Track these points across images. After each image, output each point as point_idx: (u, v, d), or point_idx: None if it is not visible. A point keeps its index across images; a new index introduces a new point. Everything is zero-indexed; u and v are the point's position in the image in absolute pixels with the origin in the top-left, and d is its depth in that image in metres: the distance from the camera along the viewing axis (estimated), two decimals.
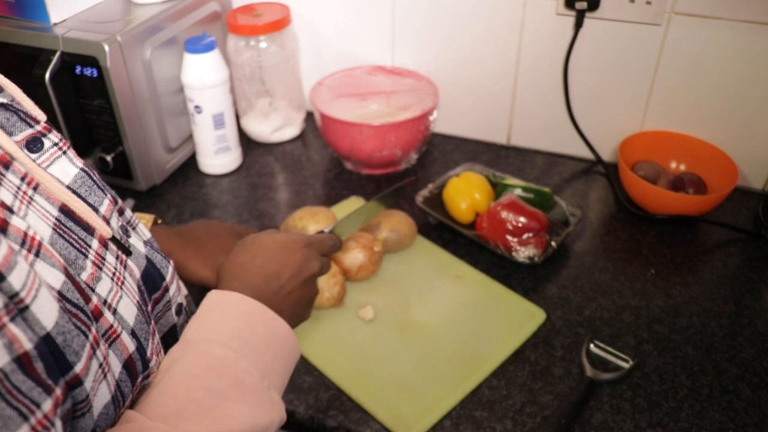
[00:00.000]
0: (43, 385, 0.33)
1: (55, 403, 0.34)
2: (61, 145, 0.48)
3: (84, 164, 0.49)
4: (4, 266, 0.33)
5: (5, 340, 0.31)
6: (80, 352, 0.38)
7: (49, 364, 0.35)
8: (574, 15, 1.01)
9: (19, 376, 0.31)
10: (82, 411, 0.39)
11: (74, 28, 0.91)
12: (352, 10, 1.14)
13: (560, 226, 0.92)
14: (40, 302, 0.35)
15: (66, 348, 0.37)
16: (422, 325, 0.80)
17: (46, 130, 0.47)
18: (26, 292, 0.34)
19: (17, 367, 0.31)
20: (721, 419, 0.70)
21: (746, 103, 1.00)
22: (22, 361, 0.32)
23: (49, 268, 0.39)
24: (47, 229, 0.41)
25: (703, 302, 0.85)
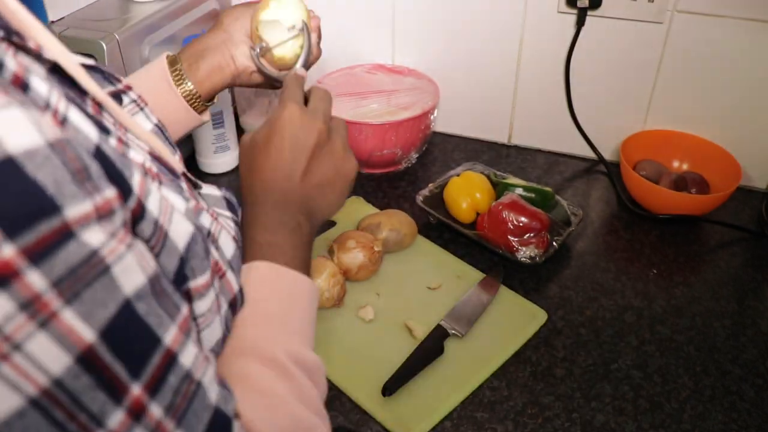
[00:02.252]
0: (178, 296, 0.34)
1: (189, 310, 0.34)
2: (139, 102, 0.50)
3: (158, 121, 0.51)
4: (142, 193, 0.33)
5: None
6: (198, 272, 0.38)
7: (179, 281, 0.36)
8: (576, 13, 1.00)
9: (163, 284, 0.32)
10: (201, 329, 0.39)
11: (72, 26, 0.91)
12: (352, 9, 1.13)
13: (562, 225, 0.91)
14: (175, 226, 0.36)
15: (185, 265, 0.37)
16: (422, 325, 0.80)
17: (126, 88, 0.49)
18: (163, 218, 0.35)
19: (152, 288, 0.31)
20: (724, 420, 0.70)
21: (749, 101, 0.99)
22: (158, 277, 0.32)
23: (173, 194, 0.39)
24: (151, 165, 0.41)
25: (706, 302, 0.85)
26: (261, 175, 0.55)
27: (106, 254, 0.27)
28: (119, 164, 0.32)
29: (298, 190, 0.55)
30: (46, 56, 0.32)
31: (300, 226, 0.54)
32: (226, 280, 0.44)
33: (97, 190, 0.28)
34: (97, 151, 0.31)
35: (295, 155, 0.56)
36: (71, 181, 0.26)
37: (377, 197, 1.04)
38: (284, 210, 0.54)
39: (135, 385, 0.28)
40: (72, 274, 0.26)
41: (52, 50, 0.35)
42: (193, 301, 0.38)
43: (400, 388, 0.72)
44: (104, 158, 0.31)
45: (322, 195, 0.57)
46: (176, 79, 0.71)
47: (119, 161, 0.32)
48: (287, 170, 0.55)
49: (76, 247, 0.26)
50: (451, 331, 0.78)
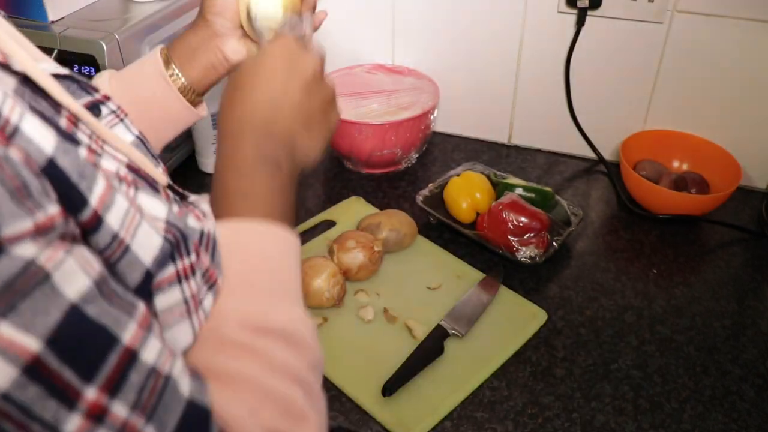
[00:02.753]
0: (131, 296, 0.33)
1: (147, 307, 0.33)
2: (119, 113, 0.47)
3: (140, 133, 0.48)
4: (102, 206, 0.32)
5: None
6: (164, 271, 0.37)
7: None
8: (576, 13, 1.00)
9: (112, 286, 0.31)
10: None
11: (72, 26, 0.91)
12: (352, 8, 1.13)
13: (562, 225, 0.91)
14: (140, 239, 0.34)
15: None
16: (422, 325, 0.80)
17: (104, 98, 0.47)
18: (124, 232, 0.33)
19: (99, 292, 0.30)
20: (724, 420, 0.70)
21: (749, 101, 0.99)
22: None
23: (153, 199, 0.37)
24: (129, 174, 0.40)
25: (706, 302, 0.85)
26: (246, 103, 0.51)
27: (43, 262, 0.27)
28: (75, 177, 0.31)
29: (285, 120, 0.52)
30: (14, 68, 0.32)
31: (280, 165, 0.50)
32: (218, 287, 0.42)
33: (38, 207, 0.27)
34: (49, 163, 0.30)
35: (288, 83, 0.52)
36: (9, 199, 0.26)
37: (377, 197, 1.04)
38: (265, 142, 0.50)
39: (89, 389, 0.27)
40: (8, 287, 0.25)
41: (20, 62, 0.34)
42: (154, 296, 0.36)
43: (400, 388, 0.72)
44: (57, 171, 0.30)
45: (308, 133, 0.54)
46: (171, 77, 0.70)
47: (77, 173, 0.31)
48: (277, 97, 0.52)
49: (8, 261, 0.25)
50: (451, 331, 0.78)
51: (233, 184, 0.49)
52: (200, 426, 0.33)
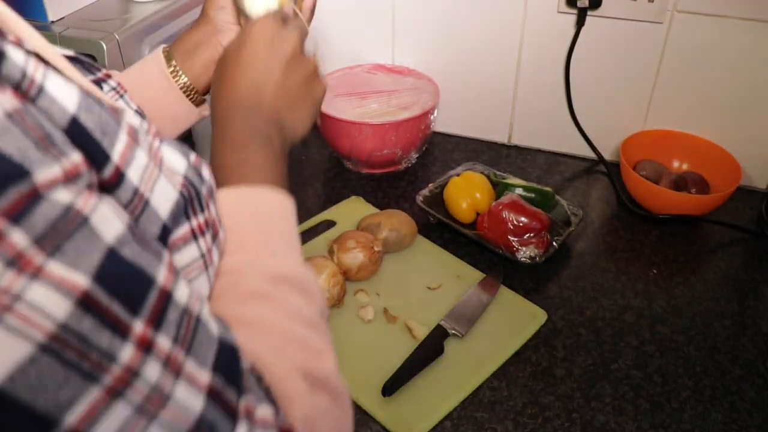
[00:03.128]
0: (157, 243, 0.35)
1: (170, 257, 0.35)
2: (119, 89, 0.50)
3: (138, 108, 0.51)
4: (123, 162, 0.34)
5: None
6: (178, 230, 0.38)
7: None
8: (576, 13, 1.00)
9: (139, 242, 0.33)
10: None
11: (72, 26, 0.91)
12: (352, 8, 1.13)
13: (562, 225, 0.91)
14: (158, 194, 0.36)
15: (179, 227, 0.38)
16: (422, 325, 0.80)
17: (105, 77, 0.49)
18: (144, 186, 0.35)
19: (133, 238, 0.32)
20: (724, 420, 0.70)
21: (749, 101, 0.99)
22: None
23: (175, 153, 0.39)
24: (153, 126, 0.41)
25: (706, 302, 0.85)
26: (232, 86, 0.54)
27: (81, 206, 0.28)
28: (98, 134, 0.33)
29: (270, 100, 0.54)
30: (26, 47, 0.33)
31: (270, 139, 0.53)
32: (220, 238, 0.44)
33: (63, 154, 0.29)
34: (72, 121, 0.31)
35: (268, 64, 0.55)
36: (35, 148, 0.27)
37: (377, 197, 1.04)
38: (254, 121, 0.53)
39: (137, 322, 0.29)
40: (53, 229, 0.27)
41: (32, 42, 0.35)
42: (172, 253, 0.38)
43: (400, 388, 0.72)
44: (80, 129, 0.32)
45: (293, 109, 0.56)
46: (173, 75, 0.70)
47: (100, 131, 0.33)
48: (259, 78, 0.54)
49: (50, 206, 0.27)
50: (451, 331, 0.78)
51: (230, 157, 0.51)
52: (234, 362, 0.35)
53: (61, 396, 0.26)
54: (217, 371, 0.33)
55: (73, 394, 0.27)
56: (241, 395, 0.35)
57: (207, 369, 0.33)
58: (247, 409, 0.35)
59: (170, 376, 0.30)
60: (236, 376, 0.35)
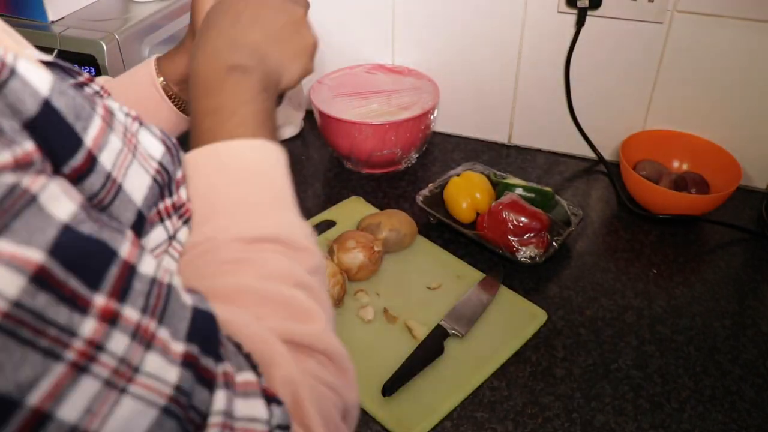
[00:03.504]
0: (117, 222, 0.34)
1: (134, 235, 0.34)
2: (101, 93, 0.49)
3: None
4: (96, 146, 0.33)
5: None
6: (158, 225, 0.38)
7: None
8: (576, 13, 1.00)
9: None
10: None
11: (72, 27, 0.91)
12: (352, 8, 1.13)
13: (562, 225, 0.91)
14: (131, 179, 0.36)
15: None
16: (422, 325, 0.80)
17: (88, 81, 0.48)
18: (117, 171, 0.35)
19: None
20: (724, 420, 0.70)
21: (749, 101, 0.99)
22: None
23: (151, 137, 0.39)
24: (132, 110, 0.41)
25: (706, 302, 0.85)
26: (210, 33, 0.53)
27: (27, 185, 0.27)
28: (71, 118, 0.32)
29: (248, 33, 0.52)
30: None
31: (247, 71, 0.50)
32: (192, 222, 0.43)
33: (13, 142, 0.28)
34: (45, 104, 0.31)
35: (244, 5, 0.54)
36: None
37: (377, 197, 1.04)
38: (230, 55, 0.50)
39: (98, 296, 0.29)
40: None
41: (7, 48, 0.35)
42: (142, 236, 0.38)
43: (400, 388, 0.72)
44: (52, 112, 0.31)
45: (278, 45, 0.54)
46: (162, 85, 0.71)
47: (73, 114, 0.32)
48: (234, 15, 0.53)
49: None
50: (451, 331, 0.78)
51: (203, 104, 0.49)
52: (210, 330, 0.35)
53: (20, 376, 0.26)
54: (192, 340, 0.33)
55: (34, 373, 0.26)
56: (219, 363, 0.34)
57: (181, 338, 0.32)
58: (226, 376, 0.34)
59: (140, 347, 0.30)
60: (213, 344, 0.34)
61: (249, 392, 0.35)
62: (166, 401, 0.30)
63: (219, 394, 0.33)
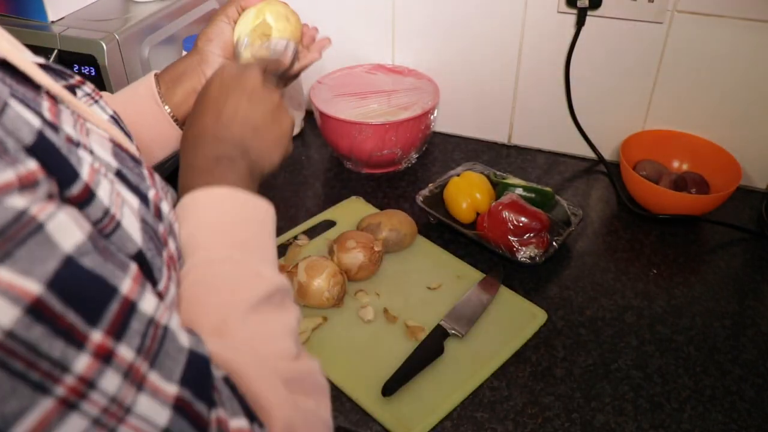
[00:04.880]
0: (124, 255, 0.34)
1: (138, 269, 0.34)
2: (93, 95, 0.50)
3: (114, 112, 0.52)
4: (92, 181, 0.34)
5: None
6: (159, 274, 0.38)
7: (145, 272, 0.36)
8: (576, 13, 1.00)
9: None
10: None
11: (72, 27, 0.91)
12: (352, 8, 1.13)
13: (562, 225, 0.91)
14: (127, 220, 0.36)
15: (152, 266, 0.38)
16: (422, 325, 0.80)
17: (79, 83, 0.49)
18: (115, 209, 0.35)
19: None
20: (724, 420, 0.70)
21: (750, 101, 0.99)
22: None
23: (126, 189, 0.39)
24: (110, 157, 0.41)
25: (706, 302, 0.85)
26: (197, 120, 0.57)
27: (35, 212, 0.27)
28: (65, 150, 0.33)
29: (233, 128, 0.56)
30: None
31: (234, 161, 0.54)
32: (178, 274, 0.44)
33: (17, 161, 0.28)
34: (39, 134, 0.31)
35: (229, 98, 0.57)
36: None
37: (377, 197, 1.04)
38: (216, 147, 0.54)
39: (95, 332, 0.28)
40: (1, 235, 0.26)
41: (0, 48, 0.35)
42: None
43: (400, 388, 0.72)
44: (47, 142, 0.31)
45: (257, 137, 0.58)
46: (162, 100, 0.72)
47: (66, 148, 0.33)
48: (220, 111, 0.57)
49: (1, 211, 0.26)
50: (451, 331, 0.78)
51: (197, 180, 0.51)
52: (204, 374, 0.35)
53: (7, 408, 0.25)
54: (186, 383, 0.32)
55: (21, 406, 0.26)
56: (212, 408, 0.34)
57: (174, 381, 0.32)
58: (219, 423, 0.34)
59: (131, 387, 0.29)
60: (206, 388, 0.34)
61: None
62: None
63: None
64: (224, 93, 0.58)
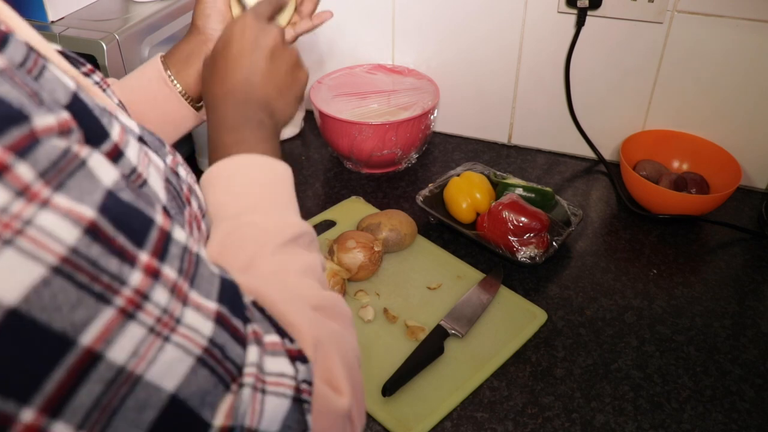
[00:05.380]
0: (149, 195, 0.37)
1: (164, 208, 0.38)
2: (102, 84, 0.53)
3: (119, 101, 0.54)
4: (121, 142, 0.36)
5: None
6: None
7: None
8: (576, 13, 1.00)
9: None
10: None
11: (72, 27, 0.91)
12: (352, 8, 1.13)
13: (562, 225, 0.91)
14: (153, 179, 0.39)
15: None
16: (422, 325, 0.80)
17: (90, 72, 0.52)
18: (142, 167, 0.38)
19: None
20: (724, 420, 0.70)
21: (749, 101, 0.99)
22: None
23: (151, 151, 0.41)
24: (133, 124, 0.43)
25: (706, 303, 0.85)
26: (223, 80, 0.58)
27: (77, 151, 0.30)
28: (97, 111, 0.35)
29: (258, 90, 0.58)
30: (18, 38, 0.34)
31: (262, 122, 0.57)
32: (202, 230, 0.46)
33: (53, 109, 0.30)
34: (74, 96, 0.34)
35: (253, 58, 0.59)
36: (29, 99, 0.29)
37: (377, 197, 1.04)
38: (246, 109, 0.57)
39: (142, 252, 0.31)
40: (54, 167, 0.28)
41: (24, 33, 0.37)
42: None
43: (400, 388, 0.72)
44: (81, 103, 0.34)
45: (281, 96, 0.60)
46: (171, 81, 0.72)
47: (98, 109, 0.35)
48: (247, 73, 0.58)
49: (50, 147, 0.29)
50: (451, 331, 0.78)
51: (227, 137, 0.55)
52: (236, 295, 0.38)
53: (75, 316, 0.27)
54: (222, 302, 0.35)
55: (87, 315, 0.28)
56: (247, 323, 0.37)
57: (213, 299, 0.35)
58: (255, 335, 0.37)
59: (178, 302, 0.32)
60: (240, 307, 0.37)
61: (276, 352, 0.38)
62: (201, 351, 0.32)
63: (251, 349, 0.36)
64: (247, 52, 0.59)
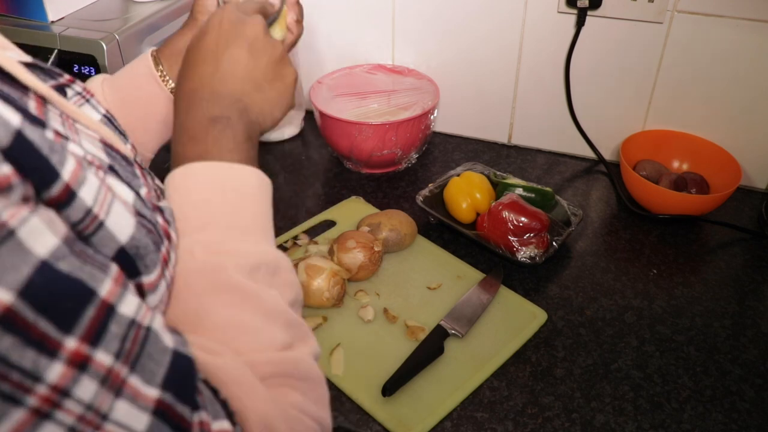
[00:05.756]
0: (103, 257, 0.33)
1: (119, 271, 0.33)
2: (84, 94, 0.48)
3: (106, 111, 0.50)
4: (74, 181, 0.32)
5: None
6: (152, 268, 0.37)
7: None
8: (576, 13, 1.00)
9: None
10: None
11: (72, 27, 0.91)
12: (352, 8, 1.13)
13: (562, 225, 0.91)
14: (115, 217, 0.35)
15: (144, 259, 0.37)
16: (422, 325, 0.80)
17: (69, 82, 0.48)
18: (98, 208, 0.34)
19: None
20: (724, 420, 0.70)
21: (749, 102, 0.99)
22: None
23: (120, 183, 0.38)
24: (102, 153, 0.40)
25: (706, 303, 0.85)
26: (192, 76, 0.52)
27: (6, 219, 0.27)
28: (46, 150, 0.31)
29: (230, 83, 0.51)
30: None
31: (230, 122, 0.50)
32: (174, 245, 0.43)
33: None
34: (17, 135, 0.30)
35: (230, 50, 0.52)
36: None
37: (377, 197, 1.04)
38: (213, 106, 0.50)
39: (69, 339, 0.28)
40: None
41: None
42: (145, 297, 0.37)
43: (400, 388, 0.72)
44: (25, 142, 0.30)
45: (258, 91, 0.53)
46: (161, 78, 0.70)
47: (47, 147, 0.31)
48: (219, 65, 0.52)
49: None
50: (451, 331, 0.78)
51: (189, 149, 0.49)
52: (188, 376, 0.34)
53: None
54: (168, 386, 0.32)
55: None
56: (195, 410, 0.33)
57: (156, 384, 0.31)
58: (201, 425, 0.33)
59: (109, 393, 0.29)
60: (190, 390, 0.34)
61: None
62: None
63: None
64: (222, 43, 0.52)
